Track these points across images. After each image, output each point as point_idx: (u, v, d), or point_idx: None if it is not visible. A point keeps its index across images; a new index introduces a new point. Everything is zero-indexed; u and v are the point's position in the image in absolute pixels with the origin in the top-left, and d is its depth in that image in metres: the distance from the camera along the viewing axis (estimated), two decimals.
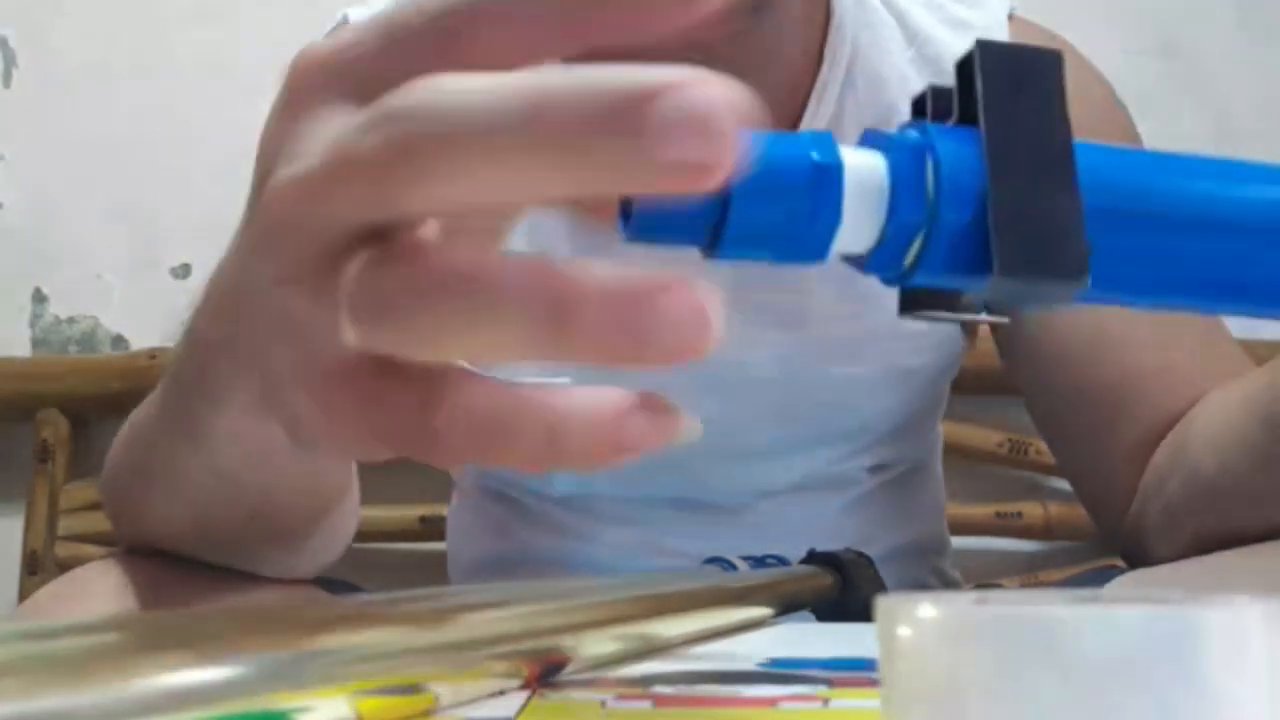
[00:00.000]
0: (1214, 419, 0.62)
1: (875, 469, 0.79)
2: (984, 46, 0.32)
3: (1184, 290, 0.33)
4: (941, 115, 0.32)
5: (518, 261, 0.24)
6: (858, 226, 0.31)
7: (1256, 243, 0.33)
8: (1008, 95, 0.31)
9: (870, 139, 0.32)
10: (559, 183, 0.23)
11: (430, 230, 0.26)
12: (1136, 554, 0.69)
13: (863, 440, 0.77)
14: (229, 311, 0.35)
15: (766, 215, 0.30)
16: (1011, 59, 0.32)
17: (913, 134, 0.31)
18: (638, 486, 0.76)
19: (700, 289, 0.23)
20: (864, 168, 0.31)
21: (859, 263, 0.32)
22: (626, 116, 0.22)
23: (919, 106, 0.33)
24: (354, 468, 0.55)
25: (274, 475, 0.46)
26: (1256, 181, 0.34)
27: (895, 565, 0.77)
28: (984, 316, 0.34)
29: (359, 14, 0.75)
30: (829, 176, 0.30)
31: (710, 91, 0.22)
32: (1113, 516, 0.70)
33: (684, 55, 0.25)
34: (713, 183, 0.22)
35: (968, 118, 0.31)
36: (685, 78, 0.22)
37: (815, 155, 0.30)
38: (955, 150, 0.31)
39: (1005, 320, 0.34)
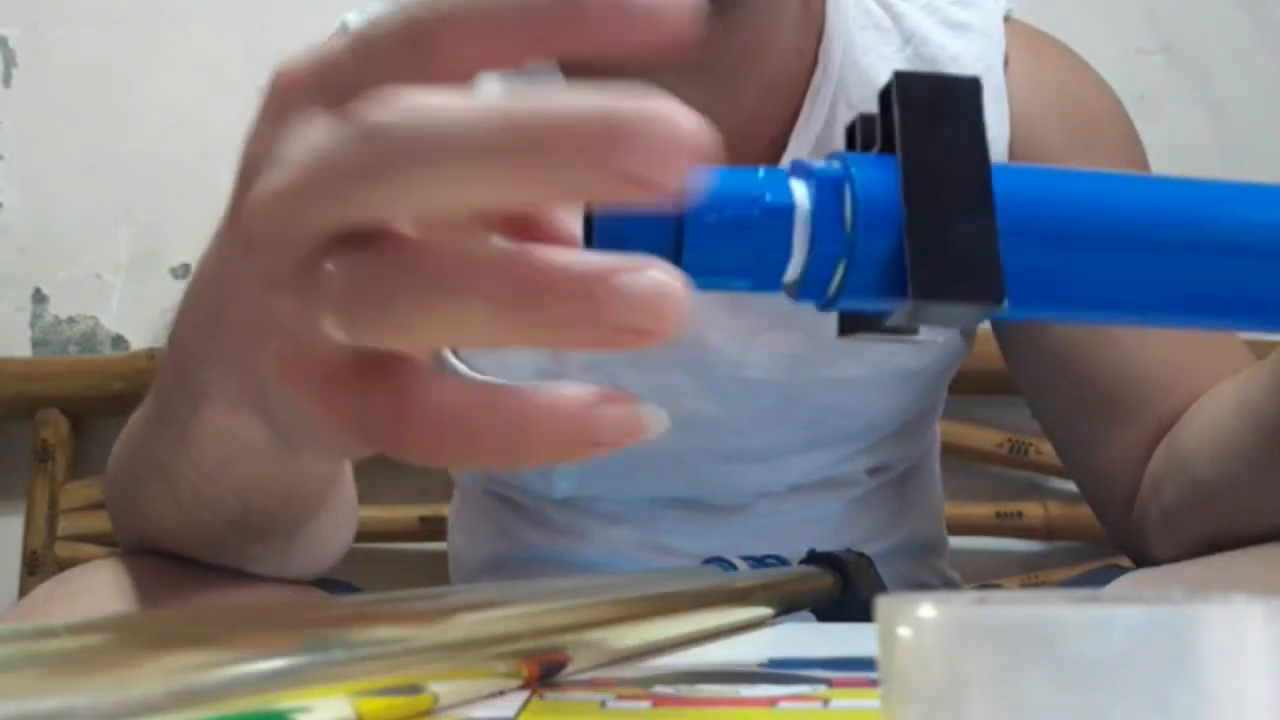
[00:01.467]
0: (1208, 423, 0.62)
1: (874, 470, 0.79)
2: (902, 76, 0.32)
3: (1109, 306, 0.34)
4: (870, 143, 0.33)
5: (488, 249, 0.25)
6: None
7: (1179, 257, 0.33)
8: (925, 123, 0.32)
9: (796, 169, 0.32)
10: (524, 195, 0.25)
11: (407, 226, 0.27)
12: (1139, 555, 0.69)
13: (862, 442, 0.77)
14: (211, 312, 0.36)
15: (721, 249, 0.31)
16: (930, 87, 0.32)
17: (835, 165, 0.32)
18: (638, 487, 0.76)
19: (667, 269, 0.24)
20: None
21: (791, 290, 0.33)
22: (595, 140, 0.23)
23: (851, 134, 0.34)
24: (348, 474, 0.55)
25: (255, 476, 0.46)
26: (1178, 198, 0.34)
27: (895, 565, 0.77)
28: (920, 336, 0.35)
29: (356, 20, 0.75)
30: (781, 213, 0.31)
31: (673, 117, 0.23)
32: (1116, 516, 0.70)
33: (669, 58, 0.26)
34: (659, 199, 0.24)
35: (890, 146, 0.32)
36: (651, 107, 0.23)
37: (768, 195, 0.31)
38: (873, 180, 0.31)
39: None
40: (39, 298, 1.35)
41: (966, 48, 0.73)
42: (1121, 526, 0.70)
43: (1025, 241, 0.32)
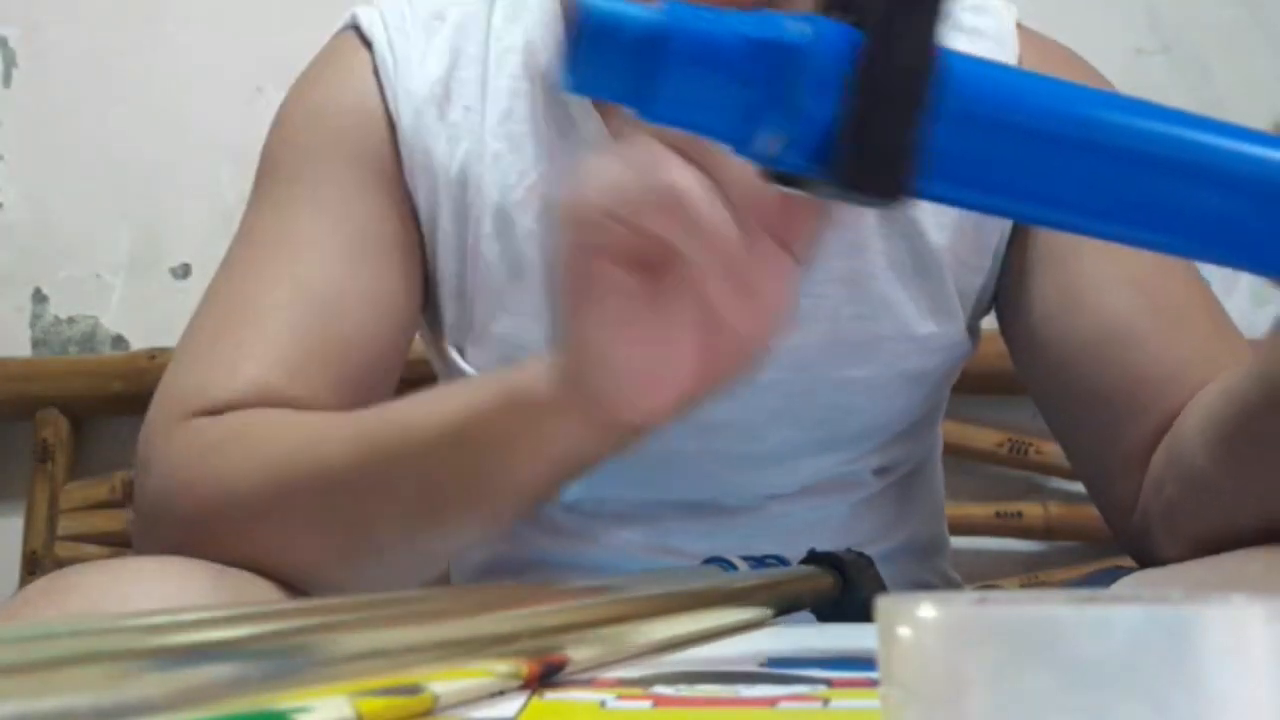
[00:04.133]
0: (1201, 415, 0.62)
1: (881, 470, 0.79)
2: None
3: (1038, 201, 0.36)
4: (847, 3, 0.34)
5: None
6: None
7: (1121, 166, 0.35)
8: (889, 14, 0.33)
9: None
10: None
11: None
12: (1144, 555, 0.68)
13: (871, 442, 0.77)
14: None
15: (697, 82, 0.33)
16: None
17: (805, 28, 0.34)
18: (647, 490, 0.76)
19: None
20: None
21: (733, 146, 0.35)
22: None
23: None
24: None
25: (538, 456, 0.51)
26: (1130, 110, 0.37)
27: (897, 565, 0.77)
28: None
29: (367, 15, 0.75)
30: (766, 46, 0.33)
31: None
32: (1121, 517, 0.70)
33: None
34: None
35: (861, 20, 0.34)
36: None
37: (754, 31, 0.33)
38: (830, 55, 0.33)
39: None
40: (39, 298, 1.35)
41: (981, 52, 0.73)
42: (1125, 526, 0.69)
43: (969, 127, 0.35)
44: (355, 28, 0.75)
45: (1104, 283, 0.69)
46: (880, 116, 0.33)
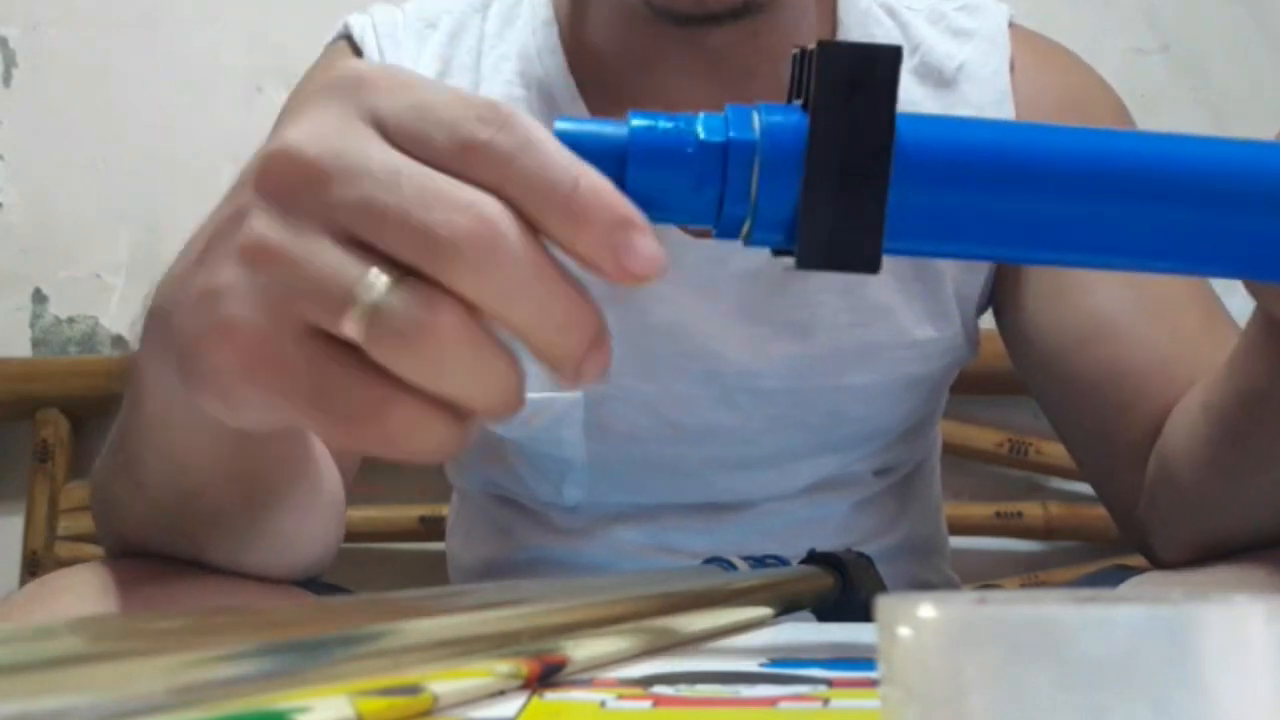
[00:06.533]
0: (1184, 431, 0.62)
1: (881, 472, 0.79)
2: (824, 47, 0.34)
3: (1010, 243, 0.37)
4: (803, 87, 0.36)
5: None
6: None
7: (1083, 195, 0.36)
8: (840, 98, 0.34)
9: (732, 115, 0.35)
10: None
11: None
12: (1145, 554, 0.68)
13: (870, 446, 0.77)
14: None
15: (657, 179, 0.35)
16: (850, 60, 0.34)
17: (755, 121, 0.35)
18: (646, 492, 0.76)
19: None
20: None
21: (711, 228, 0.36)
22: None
23: (795, 63, 0.37)
24: (326, 483, 0.56)
25: (198, 451, 0.47)
26: (1082, 142, 0.37)
27: (896, 563, 0.77)
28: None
29: (359, 22, 0.74)
30: (713, 150, 0.35)
31: None
32: (1123, 512, 0.70)
33: (693, 59, 0.26)
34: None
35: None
36: None
37: (703, 133, 0.35)
38: (782, 146, 0.34)
39: None
40: (39, 298, 1.34)
41: (973, 53, 0.73)
42: (1127, 523, 0.69)
43: (931, 188, 0.35)
44: (347, 37, 0.75)
45: (1093, 277, 0.69)
46: (835, 200, 0.34)
